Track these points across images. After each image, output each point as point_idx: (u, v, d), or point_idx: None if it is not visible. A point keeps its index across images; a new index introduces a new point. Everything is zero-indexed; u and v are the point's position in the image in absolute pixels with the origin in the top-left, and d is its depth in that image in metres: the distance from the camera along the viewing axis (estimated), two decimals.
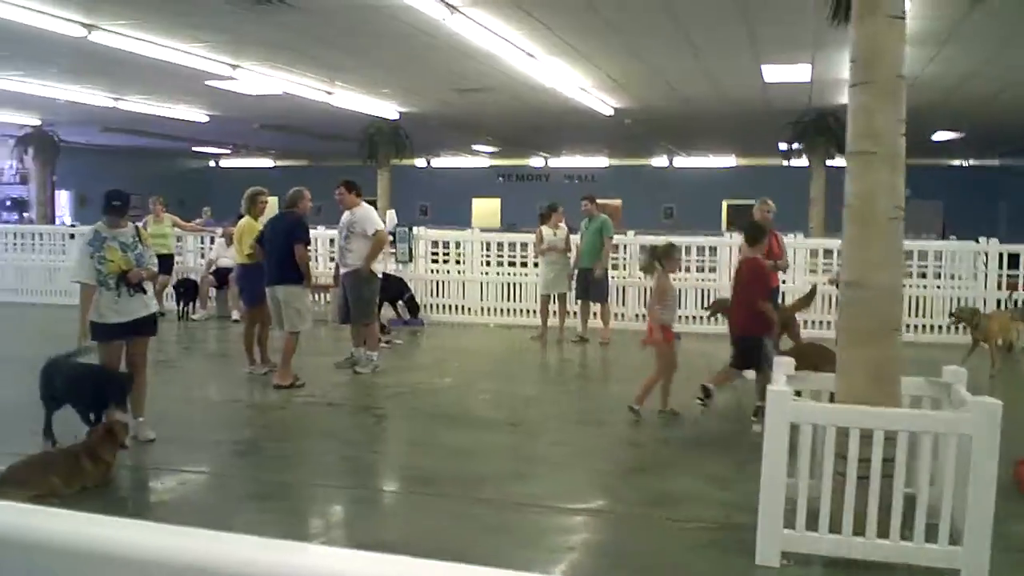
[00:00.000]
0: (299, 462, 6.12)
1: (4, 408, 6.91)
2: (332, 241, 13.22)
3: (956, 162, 25.31)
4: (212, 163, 31.86)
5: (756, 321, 6.78)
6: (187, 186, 27.02)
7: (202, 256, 14.36)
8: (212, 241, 14.05)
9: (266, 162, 31.61)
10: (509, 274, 13.30)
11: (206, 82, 13.61)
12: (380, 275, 9.49)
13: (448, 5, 8.62)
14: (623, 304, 12.46)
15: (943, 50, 10.31)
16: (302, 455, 6.32)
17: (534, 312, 12.28)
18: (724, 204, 28.39)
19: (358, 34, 10.28)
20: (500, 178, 30.24)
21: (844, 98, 14.75)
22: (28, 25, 9.57)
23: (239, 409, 7.73)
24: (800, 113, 15.35)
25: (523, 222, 26.81)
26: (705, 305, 11.12)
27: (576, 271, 11.32)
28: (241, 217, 9.45)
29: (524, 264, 13.29)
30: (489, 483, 5.48)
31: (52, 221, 21.04)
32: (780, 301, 8.78)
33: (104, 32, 10.13)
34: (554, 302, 11.58)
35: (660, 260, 7.29)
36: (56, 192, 23.04)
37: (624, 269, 12.70)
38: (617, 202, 30.63)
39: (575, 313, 11.65)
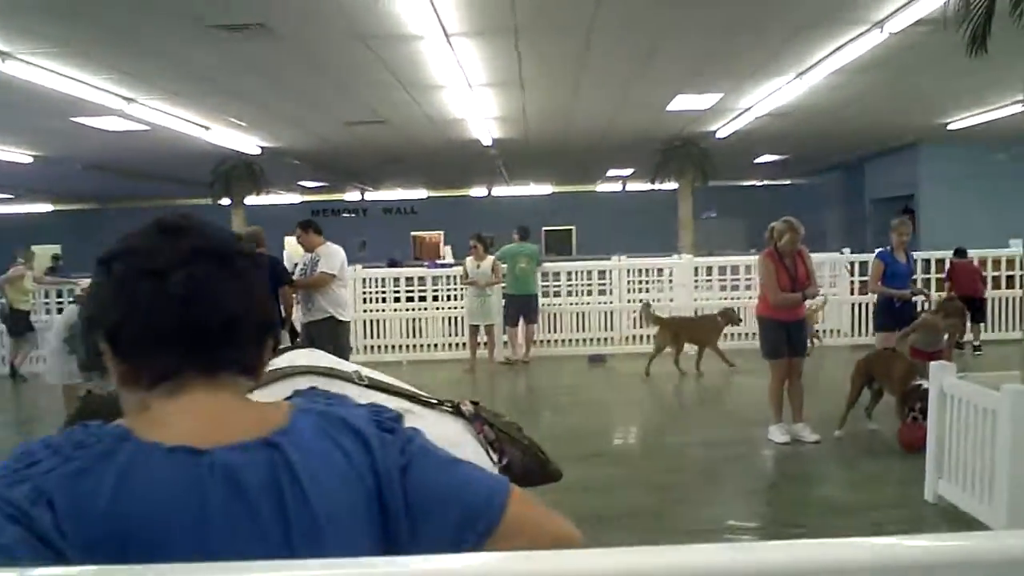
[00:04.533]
0: None
1: None
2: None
3: (751, 182, 27.68)
4: None
5: None
6: None
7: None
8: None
9: (44, 207, 28.55)
10: (416, 309, 13.33)
11: (75, 118, 12.16)
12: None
13: (446, 35, 8.35)
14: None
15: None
16: None
17: (438, 346, 12.90)
18: (543, 230, 29.22)
19: (310, 65, 9.65)
20: (315, 213, 29.20)
21: (717, 126, 15.70)
22: None
23: None
24: (669, 140, 16.20)
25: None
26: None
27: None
28: None
29: (431, 298, 13.50)
30: (643, 516, 5.38)
31: None
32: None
33: (17, 62, 8.82)
34: (482, 333, 11.74)
35: None
36: None
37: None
38: (438, 234, 30.68)
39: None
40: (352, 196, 29.31)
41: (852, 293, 12.95)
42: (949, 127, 15.45)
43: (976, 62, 9.91)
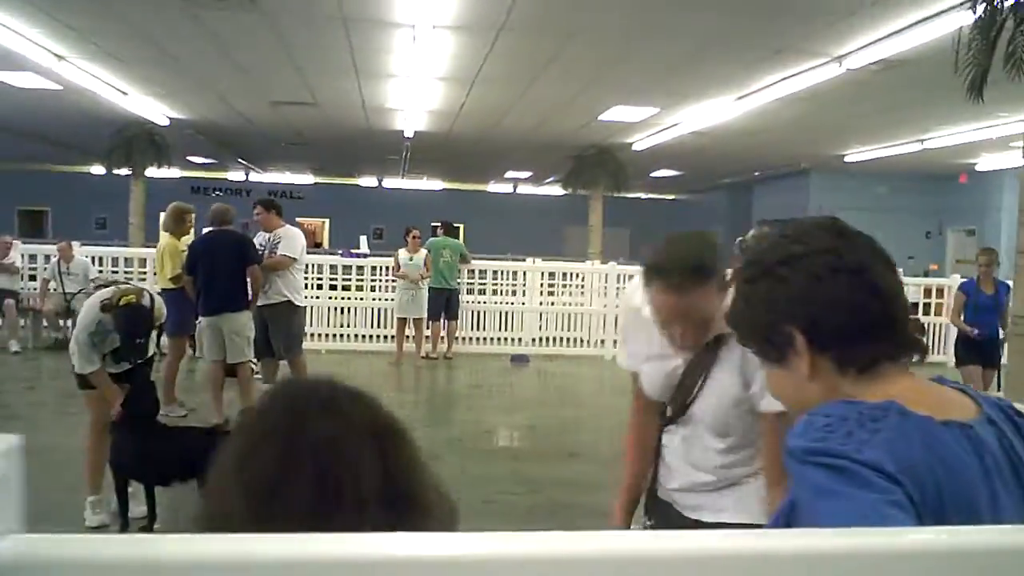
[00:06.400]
0: None
1: None
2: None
3: (639, 195, 28.52)
4: None
5: None
6: None
7: None
8: None
9: None
10: (342, 298, 13.03)
11: None
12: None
13: (432, 26, 8.28)
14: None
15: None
16: None
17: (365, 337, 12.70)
18: (431, 226, 29.04)
19: (277, 41, 9.29)
20: (193, 191, 27.99)
21: (636, 139, 15.92)
22: None
23: None
24: (586, 148, 16.49)
25: None
26: None
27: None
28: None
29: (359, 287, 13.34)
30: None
31: None
32: None
33: None
34: (410, 326, 11.77)
35: None
36: None
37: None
38: (322, 221, 30.03)
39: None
40: (235, 176, 28.30)
41: None
42: (846, 158, 16.50)
43: (897, 100, 10.69)
